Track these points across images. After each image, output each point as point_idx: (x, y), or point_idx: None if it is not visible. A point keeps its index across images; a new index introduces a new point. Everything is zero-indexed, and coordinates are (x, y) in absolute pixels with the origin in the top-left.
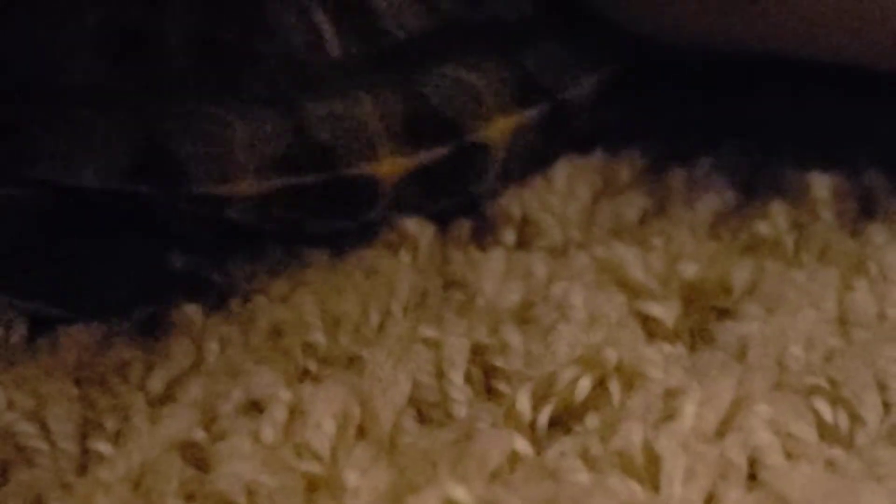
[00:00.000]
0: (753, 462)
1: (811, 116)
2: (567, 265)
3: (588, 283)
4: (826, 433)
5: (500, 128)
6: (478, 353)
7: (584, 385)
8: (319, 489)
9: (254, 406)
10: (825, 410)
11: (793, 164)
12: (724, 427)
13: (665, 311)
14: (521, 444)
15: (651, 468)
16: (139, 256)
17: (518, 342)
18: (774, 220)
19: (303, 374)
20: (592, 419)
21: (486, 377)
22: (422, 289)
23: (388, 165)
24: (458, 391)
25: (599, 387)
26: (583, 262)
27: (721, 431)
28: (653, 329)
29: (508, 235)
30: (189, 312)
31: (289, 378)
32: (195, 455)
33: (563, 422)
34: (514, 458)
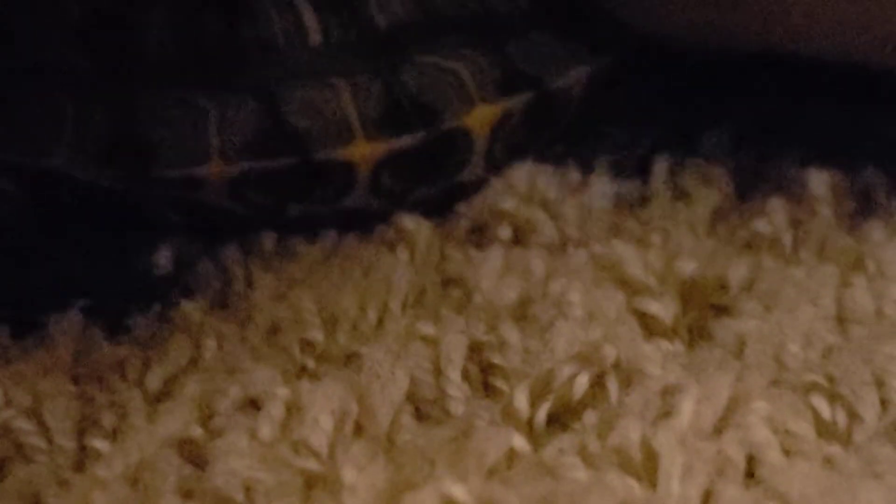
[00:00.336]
0: (751, 459)
1: (809, 114)
2: (565, 262)
3: (586, 281)
4: (824, 430)
5: (482, 115)
6: (475, 351)
7: (582, 382)
8: (317, 486)
9: (251, 403)
10: (823, 407)
11: (791, 162)
12: (722, 424)
13: (663, 309)
14: (519, 442)
15: (649, 465)
16: (120, 255)
17: (516, 339)
18: (773, 218)
19: (300, 372)
20: (590, 416)
21: (484, 374)
22: (419, 286)
23: (364, 150)
24: (456, 388)
25: (597, 384)
26: (581, 260)
27: (719, 428)
28: (651, 326)
29: (504, 232)
30: (187, 310)
31: (286, 375)
32: (193, 452)
33: (561, 419)
34: (512, 456)
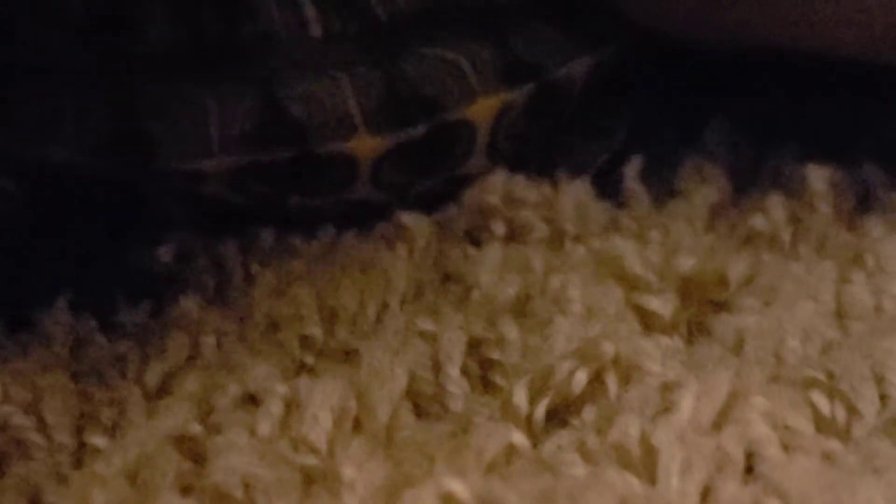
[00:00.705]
0: (750, 455)
1: (808, 110)
2: (564, 258)
3: (585, 277)
4: (823, 426)
5: (483, 107)
6: (474, 347)
7: (581, 378)
8: (316, 482)
9: (250, 399)
10: (822, 403)
11: (790, 158)
12: (721, 420)
13: (662, 304)
14: (518, 438)
15: (648, 461)
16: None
17: (515, 335)
18: (771, 214)
19: (299, 368)
20: (589, 412)
21: (483, 370)
22: (418, 282)
23: (365, 143)
24: (455, 384)
25: (596, 380)
26: (580, 256)
27: (718, 424)
28: (650, 322)
29: (498, 228)
30: (185, 306)
31: (285, 371)
32: (191, 448)
33: (560, 415)
34: (511, 452)
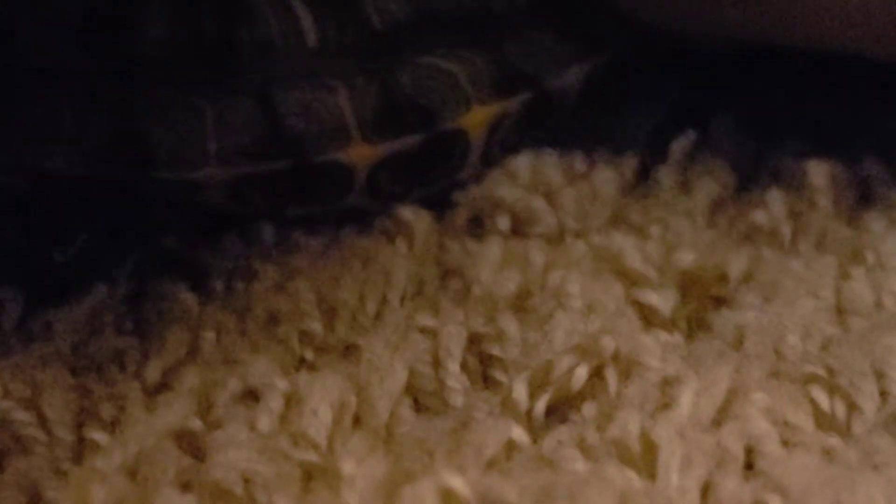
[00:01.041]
0: (750, 451)
1: (809, 105)
2: (564, 253)
3: (585, 272)
4: (823, 422)
5: (479, 116)
6: (474, 342)
7: (581, 374)
8: (316, 478)
9: (250, 395)
10: (822, 399)
11: (790, 153)
12: (721, 416)
13: (662, 300)
14: (518, 433)
15: (648, 457)
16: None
17: (515, 331)
18: (772, 209)
19: (299, 363)
20: (589, 408)
21: (483, 366)
22: (418, 278)
23: (361, 153)
24: (455, 380)
25: (596, 375)
26: (580, 251)
27: (718, 420)
28: (650, 318)
29: (503, 223)
30: (185, 301)
31: (285, 367)
32: (191, 444)
33: (560, 410)
34: (511, 447)
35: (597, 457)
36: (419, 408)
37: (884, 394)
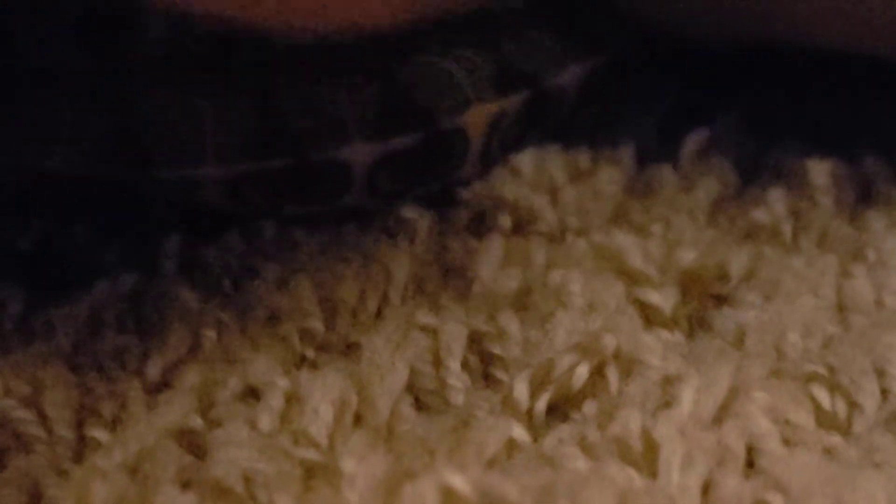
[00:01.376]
0: (751, 449)
1: (810, 104)
2: (565, 252)
3: (586, 271)
4: (824, 420)
5: (477, 115)
6: (475, 341)
7: (582, 372)
8: (316, 476)
9: (251, 393)
10: (823, 397)
11: (791, 151)
12: (722, 414)
13: (663, 299)
14: (519, 432)
15: (649, 455)
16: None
17: (516, 329)
18: (773, 207)
19: (300, 361)
20: (590, 406)
21: (484, 364)
22: (420, 276)
23: (360, 151)
24: (456, 378)
25: (597, 374)
26: (581, 249)
27: (719, 418)
28: (651, 316)
29: (504, 221)
30: (185, 299)
31: (286, 365)
32: (192, 442)
33: (561, 409)
34: (512, 446)
35: (598, 455)
36: (420, 406)
37: (885, 392)
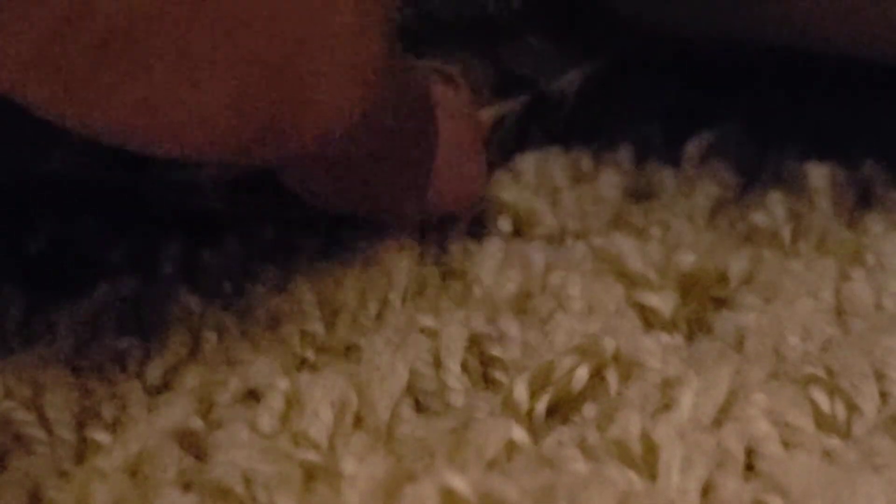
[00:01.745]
0: (751, 452)
1: (809, 107)
2: (565, 255)
3: (586, 273)
4: (823, 423)
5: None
6: (475, 343)
7: (582, 374)
8: (317, 478)
9: (251, 395)
10: (822, 400)
11: (791, 155)
12: (722, 416)
13: (662, 301)
14: (519, 434)
15: (648, 457)
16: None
17: (515, 332)
18: (772, 210)
19: (300, 363)
20: (590, 408)
21: (484, 366)
22: (420, 278)
23: None
24: (456, 380)
25: (597, 376)
26: (581, 252)
27: (718, 421)
28: (650, 319)
29: (504, 224)
30: (186, 301)
31: (286, 367)
32: (192, 444)
33: (561, 411)
34: (512, 447)
35: (597, 457)
36: (420, 408)
37: (884, 395)
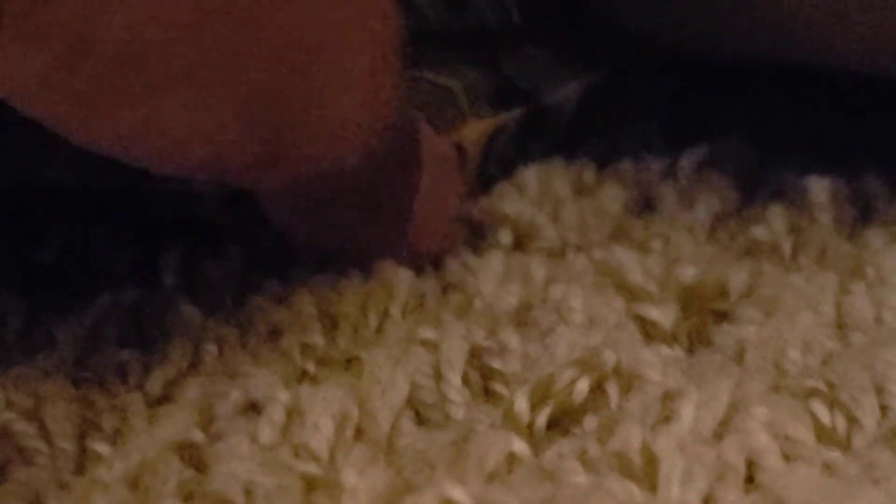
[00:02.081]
0: (751, 464)
1: (810, 121)
2: (565, 268)
3: (586, 286)
4: (823, 436)
5: (475, 130)
6: (476, 356)
7: (583, 387)
8: (317, 490)
9: (252, 407)
10: (823, 413)
11: (791, 168)
12: (722, 429)
13: (663, 314)
14: (519, 446)
15: (649, 470)
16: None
17: (516, 344)
18: (772, 224)
19: (301, 376)
20: (590, 421)
21: (484, 379)
22: (420, 291)
23: None
24: (456, 393)
25: (597, 389)
26: (581, 265)
27: (719, 434)
28: (651, 332)
29: (505, 237)
30: (187, 313)
31: (287, 379)
32: (193, 455)
33: (561, 423)
34: (512, 460)
35: (598, 469)
36: (420, 420)
37: (884, 408)
